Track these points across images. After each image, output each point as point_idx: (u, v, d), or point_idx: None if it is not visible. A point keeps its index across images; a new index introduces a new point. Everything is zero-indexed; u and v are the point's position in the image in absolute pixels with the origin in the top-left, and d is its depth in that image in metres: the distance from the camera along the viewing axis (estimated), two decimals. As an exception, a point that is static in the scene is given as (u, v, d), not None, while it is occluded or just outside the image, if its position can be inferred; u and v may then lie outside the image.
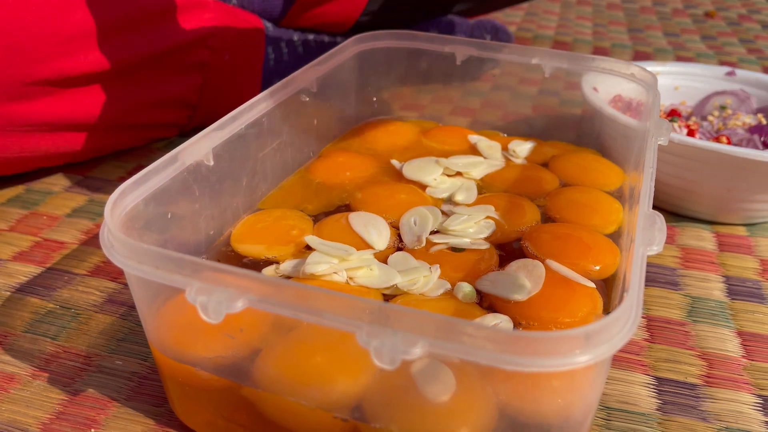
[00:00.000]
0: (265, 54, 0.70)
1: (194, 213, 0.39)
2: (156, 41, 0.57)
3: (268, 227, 0.41)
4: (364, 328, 0.24)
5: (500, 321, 0.33)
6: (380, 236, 0.39)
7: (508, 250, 0.40)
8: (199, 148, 0.37)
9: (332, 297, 0.25)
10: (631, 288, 0.26)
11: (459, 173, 0.47)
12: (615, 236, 0.42)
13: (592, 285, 0.36)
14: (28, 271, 0.46)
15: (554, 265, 0.37)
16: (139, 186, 0.33)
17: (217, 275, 0.27)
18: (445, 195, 0.45)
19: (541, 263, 0.36)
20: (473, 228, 0.41)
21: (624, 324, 0.25)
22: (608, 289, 0.37)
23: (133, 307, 0.43)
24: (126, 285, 0.45)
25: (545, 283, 0.35)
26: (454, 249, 0.39)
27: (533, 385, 0.27)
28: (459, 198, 0.44)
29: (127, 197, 0.32)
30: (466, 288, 0.36)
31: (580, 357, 0.23)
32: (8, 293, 0.44)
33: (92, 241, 0.50)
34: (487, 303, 0.35)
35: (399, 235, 0.41)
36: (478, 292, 0.36)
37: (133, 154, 0.63)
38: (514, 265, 0.37)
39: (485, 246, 0.40)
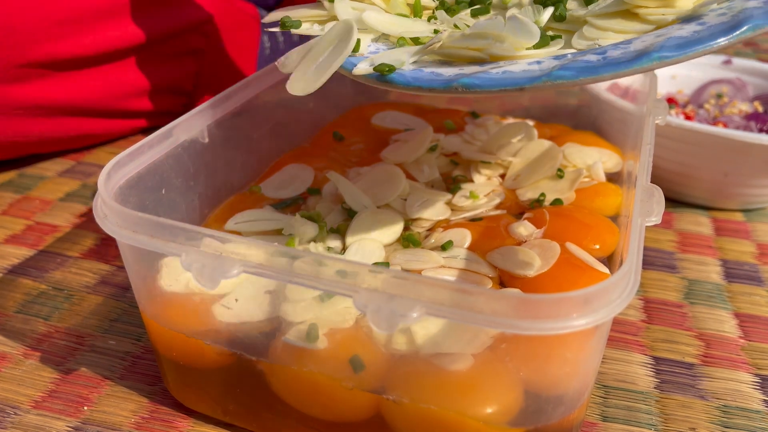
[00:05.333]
0: (261, 42, 0.69)
1: (189, 190, 0.38)
2: (150, 26, 0.57)
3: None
4: (360, 292, 0.24)
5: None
6: None
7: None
8: (193, 124, 0.37)
9: (328, 262, 0.25)
10: (629, 255, 0.26)
11: (456, 153, 0.47)
12: (614, 219, 0.41)
13: (607, 271, 0.35)
14: (20, 253, 0.46)
15: (572, 247, 0.36)
16: (134, 159, 0.33)
17: (212, 242, 0.26)
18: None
19: (558, 244, 0.36)
20: (483, 200, 0.41)
21: (623, 289, 0.24)
22: (608, 268, 0.37)
23: (126, 288, 0.43)
24: (119, 267, 0.45)
25: (558, 264, 0.35)
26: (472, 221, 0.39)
27: (531, 352, 0.26)
28: (458, 173, 0.44)
29: (121, 170, 0.32)
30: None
31: (578, 320, 0.23)
32: (0, 275, 0.44)
33: (85, 224, 0.49)
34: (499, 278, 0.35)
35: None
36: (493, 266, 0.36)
37: (128, 142, 0.62)
38: (531, 243, 0.37)
39: (501, 212, 0.40)
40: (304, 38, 0.78)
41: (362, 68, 0.31)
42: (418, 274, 0.30)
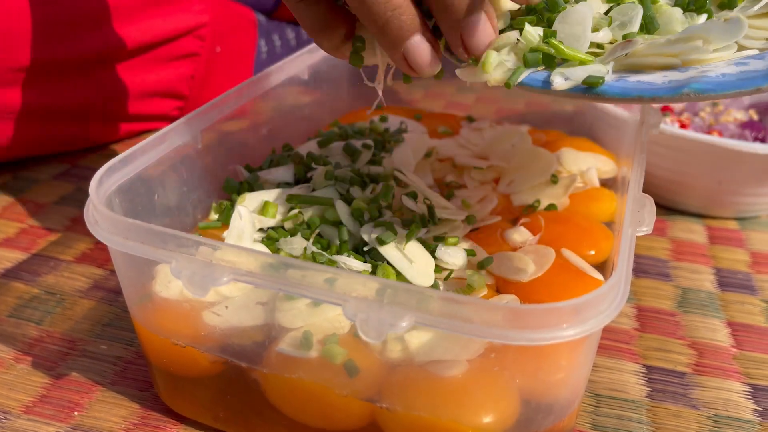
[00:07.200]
0: (258, 47, 0.69)
1: (182, 196, 0.38)
2: (147, 30, 0.57)
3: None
4: (350, 301, 0.24)
5: (508, 301, 0.33)
6: None
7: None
8: (186, 130, 0.37)
9: (318, 271, 0.25)
10: (619, 265, 0.26)
11: (450, 158, 0.47)
12: (609, 225, 0.41)
13: (601, 277, 0.35)
14: (13, 256, 0.46)
15: (567, 253, 0.36)
16: (126, 164, 0.33)
17: (203, 250, 0.26)
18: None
19: (553, 250, 0.36)
20: (476, 206, 0.41)
21: (612, 299, 0.25)
22: (602, 274, 0.37)
23: (119, 293, 0.43)
24: (112, 271, 0.45)
25: (553, 270, 0.35)
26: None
27: (521, 361, 0.26)
28: (450, 179, 0.44)
29: (114, 175, 0.32)
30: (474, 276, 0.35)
31: (568, 331, 0.23)
32: (-7, 278, 0.44)
33: (79, 228, 0.49)
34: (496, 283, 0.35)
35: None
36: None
37: (124, 146, 0.62)
38: (526, 249, 0.37)
39: (496, 219, 0.40)
40: (301, 46, 0.77)
41: (561, 83, 0.28)
42: (408, 283, 0.30)
